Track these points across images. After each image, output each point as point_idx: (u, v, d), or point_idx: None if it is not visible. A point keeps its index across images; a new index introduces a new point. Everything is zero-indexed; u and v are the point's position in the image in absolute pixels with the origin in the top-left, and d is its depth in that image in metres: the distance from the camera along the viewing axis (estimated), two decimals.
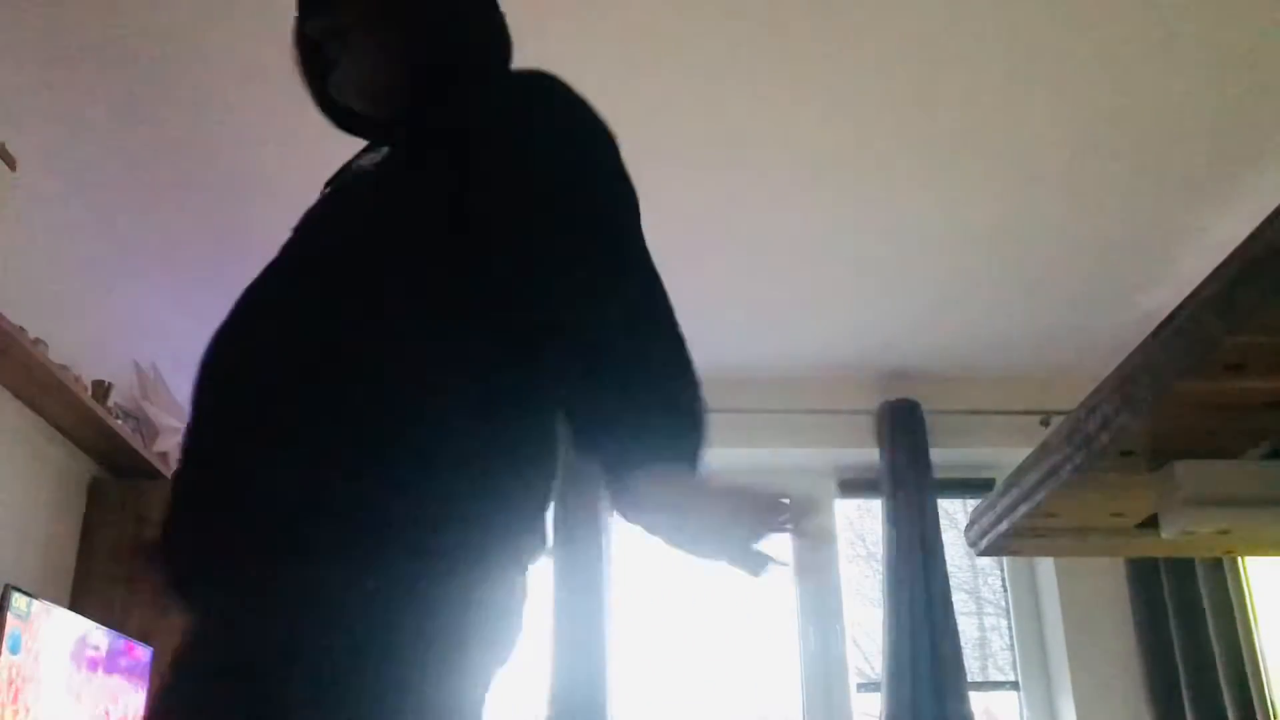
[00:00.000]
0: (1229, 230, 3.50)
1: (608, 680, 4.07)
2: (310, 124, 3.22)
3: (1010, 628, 4.53)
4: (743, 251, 3.65)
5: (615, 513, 1.13)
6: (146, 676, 3.19)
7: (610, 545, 4.47)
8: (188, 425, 1.14)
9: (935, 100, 2.92)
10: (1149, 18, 2.62)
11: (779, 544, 1.08)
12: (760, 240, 3.59)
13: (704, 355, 4.43)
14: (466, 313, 1.10)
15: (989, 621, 4.57)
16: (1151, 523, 1.54)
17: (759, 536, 1.06)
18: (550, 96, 1.27)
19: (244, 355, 1.13)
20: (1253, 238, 0.94)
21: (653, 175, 3.44)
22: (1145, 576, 4.22)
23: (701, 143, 3.08)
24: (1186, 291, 1.03)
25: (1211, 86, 2.86)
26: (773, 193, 3.33)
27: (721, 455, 4.05)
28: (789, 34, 2.67)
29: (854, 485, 4.64)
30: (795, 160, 3.17)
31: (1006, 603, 4.57)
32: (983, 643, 4.52)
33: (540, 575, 4.19)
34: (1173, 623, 4.12)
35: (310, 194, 3.48)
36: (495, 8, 1.46)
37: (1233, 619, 3.96)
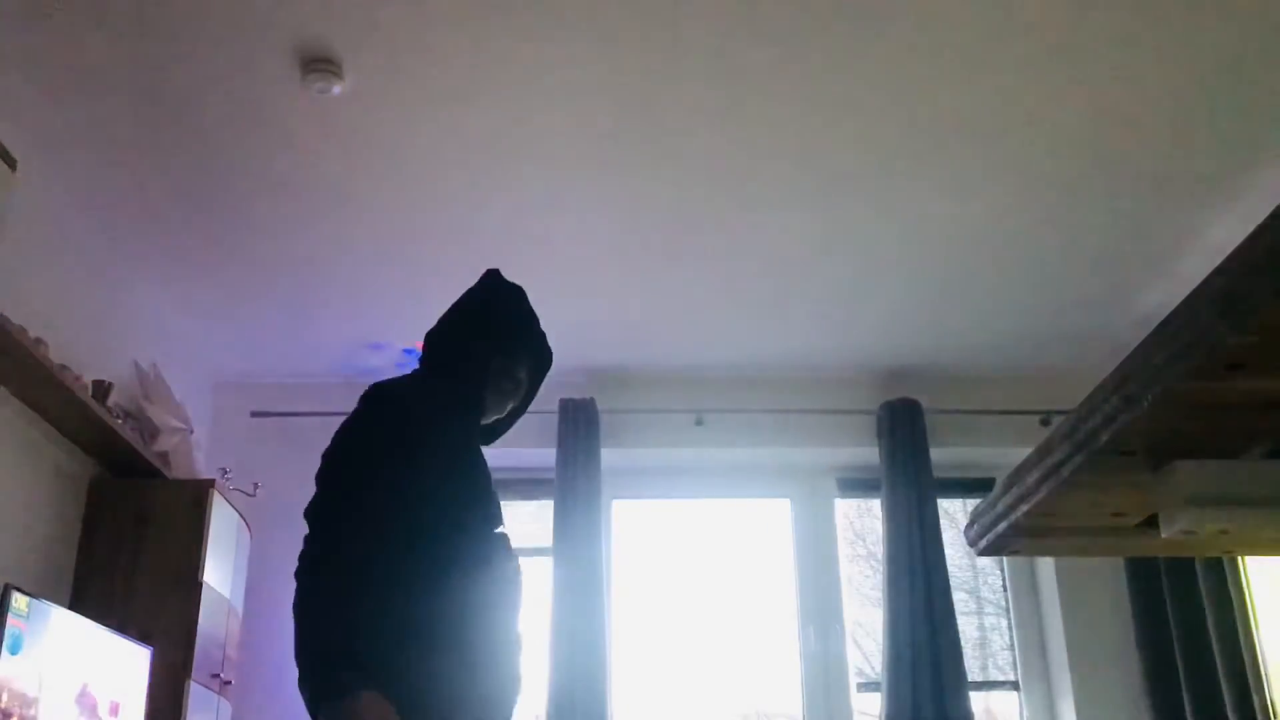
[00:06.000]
0: (1229, 230, 3.50)
1: (607, 679, 4.07)
2: (310, 127, 3.22)
3: (1010, 628, 4.53)
4: (744, 252, 3.65)
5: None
6: (146, 676, 3.19)
7: (609, 545, 4.47)
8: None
9: (935, 102, 2.92)
10: (1149, 19, 2.62)
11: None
12: (761, 241, 3.59)
13: (705, 355, 4.48)
14: None
15: (989, 621, 4.57)
16: (1151, 523, 1.54)
17: None
18: None
19: None
20: (1253, 238, 0.94)
21: (656, 176, 3.45)
22: (1145, 576, 4.22)
23: (703, 144, 3.08)
24: (1186, 291, 1.03)
25: (1211, 87, 2.86)
26: (774, 194, 3.33)
27: (722, 455, 4.12)
28: (791, 39, 2.67)
29: (854, 485, 4.65)
30: (796, 161, 3.17)
31: (1006, 603, 4.58)
32: (983, 643, 4.52)
33: (541, 575, 4.19)
34: (1173, 623, 4.12)
35: (309, 194, 3.50)
36: None
37: (1233, 619, 3.96)
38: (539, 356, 2.17)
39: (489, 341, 2.07)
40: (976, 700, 4.24)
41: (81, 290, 3.47)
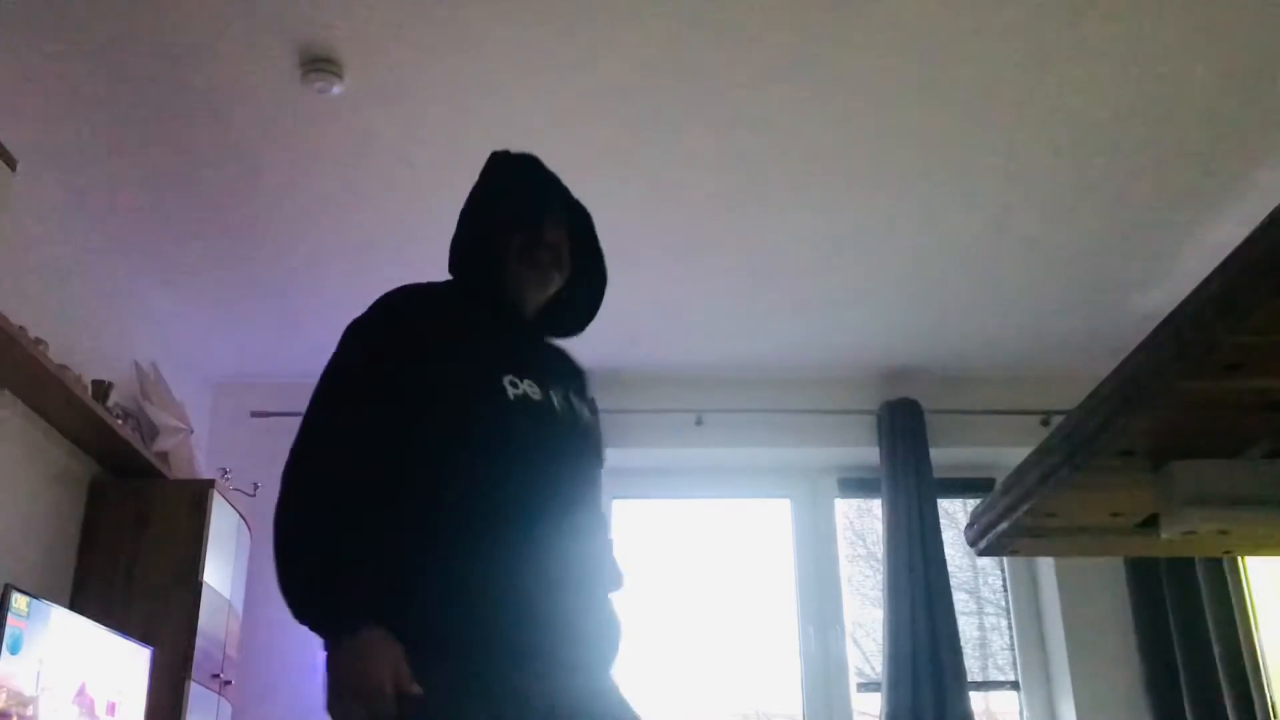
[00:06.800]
0: (1229, 230, 3.50)
1: None
2: (309, 129, 3.22)
3: (1010, 628, 4.53)
4: (745, 253, 3.65)
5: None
6: (146, 676, 3.18)
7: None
8: None
9: (934, 102, 2.92)
10: (1148, 19, 2.62)
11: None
12: (762, 241, 3.58)
13: (706, 355, 4.48)
14: None
15: (989, 621, 4.57)
16: (1151, 523, 1.54)
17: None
18: None
19: None
20: (1252, 238, 0.93)
21: (657, 177, 3.45)
22: (1145, 576, 4.22)
23: (705, 146, 3.08)
24: (1186, 291, 1.03)
25: (1211, 88, 2.86)
26: (775, 194, 3.33)
27: (722, 455, 4.12)
28: (790, 40, 2.67)
29: (854, 485, 4.65)
30: (797, 162, 3.17)
31: (1006, 603, 4.57)
32: (983, 643, 4.52)
33: None
34: (1173, 623, 4.12)
35: (310, 194, 3.49)
36: None
37: (1233, 619, 3.96)
38: (571, 211, 1.82)
39: (499, 215, 1.79)
40: (976, 700, 4.23)
41: (81, 290, 3.47)
